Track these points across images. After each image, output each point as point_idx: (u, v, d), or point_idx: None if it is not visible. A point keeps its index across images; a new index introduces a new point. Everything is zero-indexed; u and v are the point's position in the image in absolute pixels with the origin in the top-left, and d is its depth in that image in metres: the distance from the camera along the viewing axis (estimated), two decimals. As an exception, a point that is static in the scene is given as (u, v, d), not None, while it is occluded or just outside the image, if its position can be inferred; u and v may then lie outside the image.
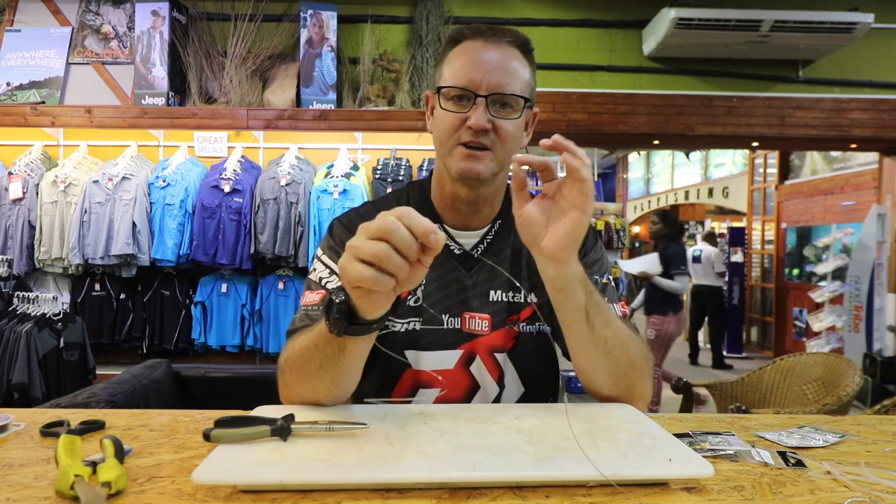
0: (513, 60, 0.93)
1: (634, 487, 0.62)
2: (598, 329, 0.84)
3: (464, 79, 0.91)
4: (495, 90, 0.91)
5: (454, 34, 0.97)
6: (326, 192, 3.36)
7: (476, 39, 0.94)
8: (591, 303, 0.83)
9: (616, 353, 0.85)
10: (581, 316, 0.83)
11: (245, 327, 3.57)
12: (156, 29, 3.60)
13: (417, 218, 0.66)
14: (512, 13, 3.92)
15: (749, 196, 8.54)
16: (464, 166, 0.93)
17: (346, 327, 0.73)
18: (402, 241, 0.64)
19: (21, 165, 3.53)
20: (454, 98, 0.93)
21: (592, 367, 0.87)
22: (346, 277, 0.68)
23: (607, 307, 0.87)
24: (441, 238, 0.66)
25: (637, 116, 3.90)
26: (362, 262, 0.65)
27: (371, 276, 0.65)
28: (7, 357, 2.62)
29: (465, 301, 0.99)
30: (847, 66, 4.01)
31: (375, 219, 0.67)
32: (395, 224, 0.64)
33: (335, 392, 0.84)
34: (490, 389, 0.99)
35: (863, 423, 0.90)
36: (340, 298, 0.72)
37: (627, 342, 0.87)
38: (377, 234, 0.65)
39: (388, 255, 0.64)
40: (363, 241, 0.66)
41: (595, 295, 0.84)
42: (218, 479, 0.59)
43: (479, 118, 0.90)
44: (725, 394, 2.83)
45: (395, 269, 0.65)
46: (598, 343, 0.84)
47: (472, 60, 0.92)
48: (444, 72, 0.96)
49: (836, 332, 5.66)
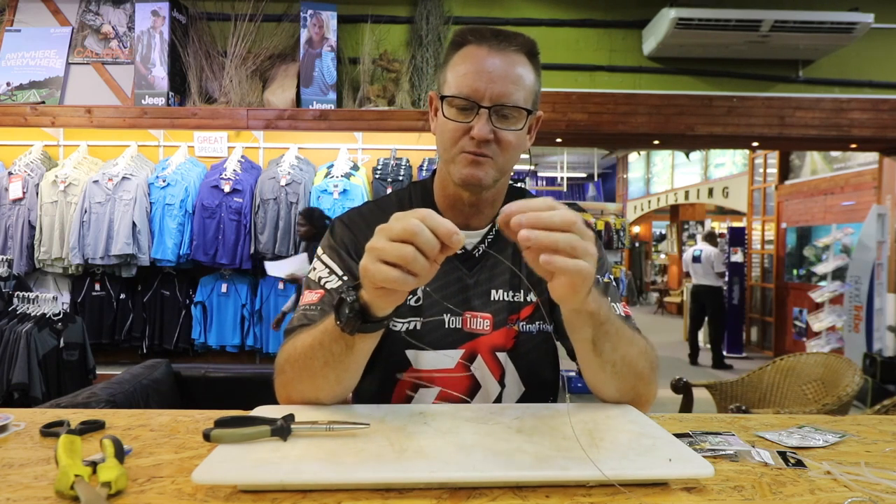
0: (517, 67, 0.93)
1: (634, 487, 0.62)
2: (607, 355, 0.83)
3: (467, 88, 0.91)
4: (498, 101, 0.90)
5: (458, 37, 0.96)
6: (326, 192, 3.37)
7: (481, 45, 0.93)
8: (600, 333, 0.81)
9: (623, 373, 0.86)
10: (588, 346, 0.83)
11: (245, 327, 3.57)
12: (156, 29, 3.60)
13: (440, 220, 0.67)
14: (512, 13, 3.92)
15: (749, 196, 8.54)
16: (467, 173, 0.93)
17: (360, 325, 0.75)
18: (426, 243, 0.66)
19: (21, 165, 3.53)
20: (458, 107, 0.93)
21: (600, 383, 0.88)
22: (370, 279, 0.69)
23: (619, 331, 0.84)
24: (462, 238, 0.68)
25: (637, 116, 3.90)
26: (387, 264, 0.67)
27: (398, 278, 0.67)
28: (7, 357, 2.62)
29: (466, 300, 1.00)
30: (847, 66, 4.01)
31: (394, 220, 0.68)
32: (419, 226, 0.66)
33: (337, 390, 0.84)
34: (491, 389, 0.99)
35: (863, 423, 0.90)
36: (353, 297, 0.74)
37: (635, 359, 0.86)
38: (402, 237, 0.66)
39: (414, 258, 0.66)
40: (386, 243, 0.67)
41: (608, 325, 0.82)
42: (218, 479, 0.59)
43: (481, 129, 0.90)
44: (725, 394, 2.83)
45: (421, 270, 0.67)
46: (606, 366, 0.85)
47: (477, 69, 0.91)
48: (448, 77, 0.95)
49: (836, 332, 5.66)
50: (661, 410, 0.93)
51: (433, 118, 1.00)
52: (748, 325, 8.14)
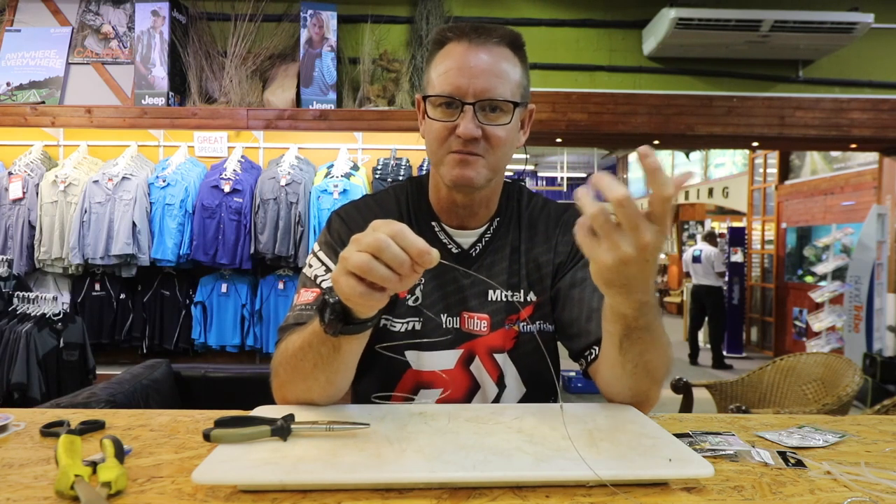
0: (501, 62, 0.90)
1: (634, 487, 0.62)
2: (631, 356, 0.80)
3: (449, 86, 0.89)
4: (483, 96, 0.88)
5: (438, 36, 0.94)
6: (326, 192, 3.36)
7: (461, 41, 0.90)
8: (632, 337, 0.78)
9: (641, 375, 0.83)
10: (614, 341, 0.80)
11: (245, 327, 3.57)
12: (156, 29, 3.60)
13: (412, 239, 0.65)
14: (512, 13, 3.92)
15: (749, 196, 8.53)
16: (457, 174, 0.91)
17: (342, 327, 0.73)
18: (392, 259, 0.64)
19: (21, 165, 3.53)
20: (442, 105, 0.90)
21: (613, 378, 0.86)
22: (338, 290, 0.68)
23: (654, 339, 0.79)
24: (435, 257, 0.66)
25: (637, 116, 3.89)
26: (355, 277, 0.66)
27: (363, 293, 0.66)
28: (7, 357, 2.62)
29: (463, 301, 0.99)
30: (847, 66, 4.01)
31: (369, 230, 0.66)
32: (386, 242, 0.64)
33: (330, 391, 0.83)
34: (489, 390, 0.99)
35: (863, 423, 0.90)
36: (335, 299, 0.72)
37: (656, 366, 0.83)
38: (367, 250, 0.65)
39: (379, 273, 0.64)
40: (353, 253, 0.65)
41: (642, 332, 0.77)
42: (218, 479, 0.59)
43: (466, 127, 0.88)
44: (725, 394, 2.83)
45: (383, 282, 0.65)
46: (627, 365, 0.82)
47: (458, 65, 0.89)
48: (431, 77, 0.93)
49: (836, 332, 5.66)
50: (661, 410, 0.93)
51: (421, 122, 0.98)
52: (748, 325, 8.14)
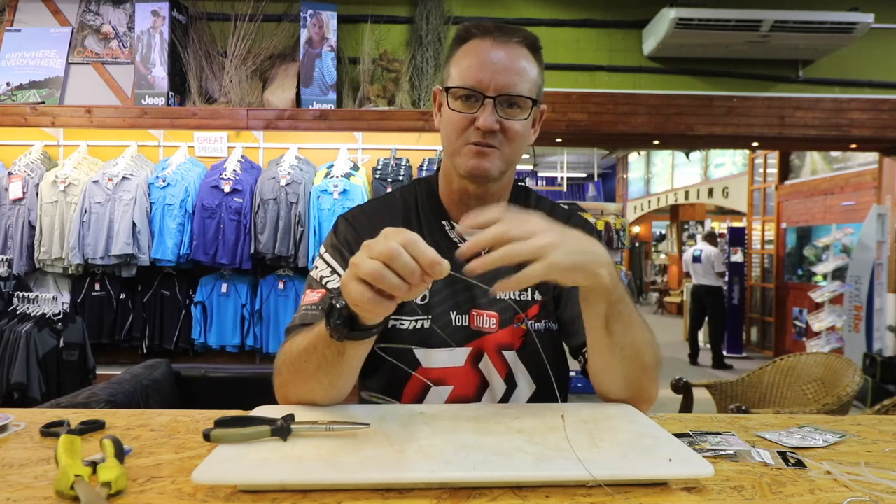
0: (521, 60, 0.93)
1: (634, 487, 0.62)
2: (617, 336, 0.83)
3: (472, 79, 0.92)
4: (503, 91, 0.91)
5: (462, 32, 0.97)
6: (326, 192, 3.36)
7: (485, 38, 0.94)
8: (614, 312, 0.81)
9: (630, 359, 0.85)
10: (600, 322, 0.82)
11: (245, 327, 3.57)
12: (156, 29, 3.60)
13: (423, 249, 0.66)
14: (512, 13, 3.92)
15: (749, 196, 8.54)
16: (473, 164, 0.93)
17: (348, 333, 0.73)
18: (403, 268, 0.65)
19: (21, 165, 3.53)
20: (462, 98, 0.93)
21: (606, 368, 0.88)
22: (347, 295, 0.69)
23: (632, 315, 0.84)
24: (445, 269, 0.66)
25: (637, 116, 3.89)
26: (364, 283, 0.66)
27: (371, 299, 0.66)
28: (7, 357, 2.62)
29: (472, 298, 1.00)
30: (847, 66, 4.01)
31: (381, 237, 0.67)
32: (398, 251, 0.65)
33: (332, 393, 0.84)
34: (498, 387, 0.99)
35: (863, 423, 0.90)
36: (342, 304, 0.72)
37: (643, 348, 0.86)
38: (378, 258, 0.65)
39: (390, 282, 0.65)
40: (365, 260, 0.66)
41: (621, 305, 0.81)
42: (218, 479, 0.59)
43: (487, 119, 0.91)
44: (725, 394, 2.83)
45: (393, 290, 0.66)
46: (615, 349, 0.84)
47: (481, 60, 0.92)
48: (452, 70, 0.96)
49: (836, 332, 5.66)
50: (661, 410, 0.93)
51: (437, 114, 1.01)
52: (748, 325, 8.14)
